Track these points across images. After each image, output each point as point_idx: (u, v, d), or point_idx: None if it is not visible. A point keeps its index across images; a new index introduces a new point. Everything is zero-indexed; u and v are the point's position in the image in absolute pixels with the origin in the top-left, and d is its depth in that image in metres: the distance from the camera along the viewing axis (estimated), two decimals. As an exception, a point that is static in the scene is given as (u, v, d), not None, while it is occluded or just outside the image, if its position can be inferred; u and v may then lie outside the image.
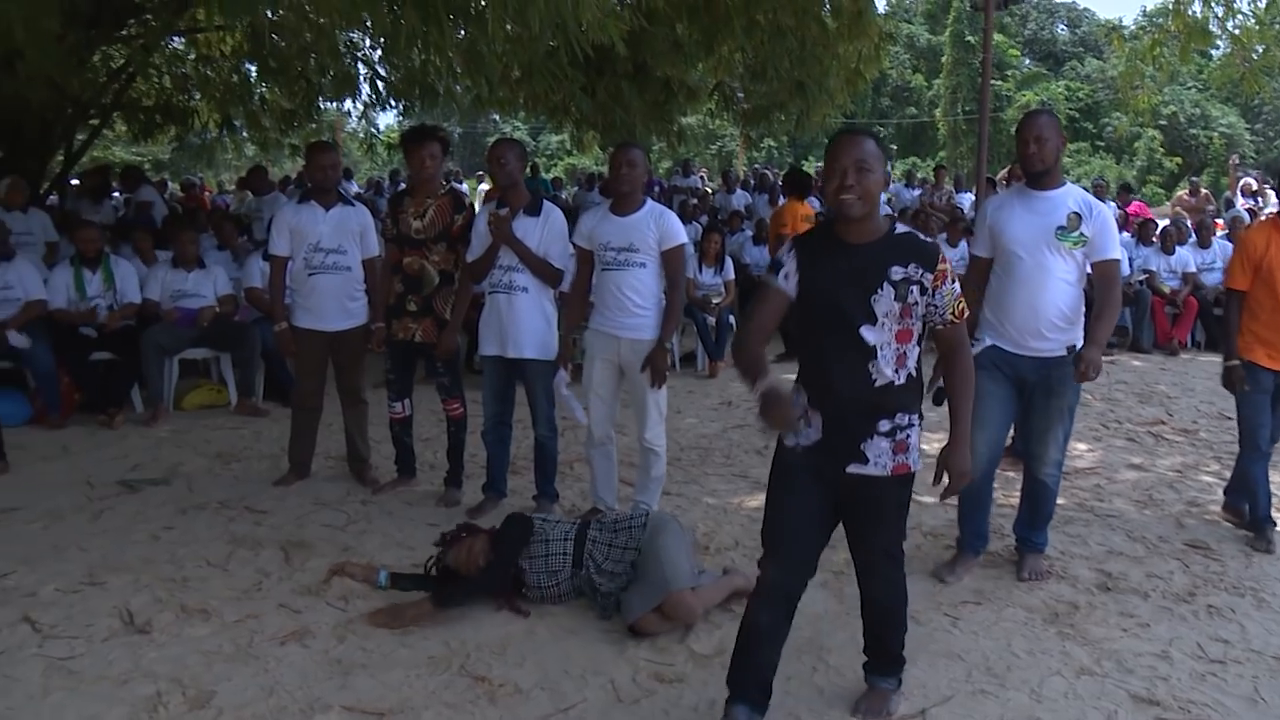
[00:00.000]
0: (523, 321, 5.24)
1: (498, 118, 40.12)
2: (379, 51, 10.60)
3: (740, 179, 19.87)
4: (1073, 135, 46.21)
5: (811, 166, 29.34)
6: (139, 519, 5.44)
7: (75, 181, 13.11)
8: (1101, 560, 4.98)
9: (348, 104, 13.22)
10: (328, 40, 9.43)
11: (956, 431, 3.27)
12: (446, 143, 5.61)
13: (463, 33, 7.43)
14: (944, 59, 46.21)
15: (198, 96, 12.03)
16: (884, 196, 14.04)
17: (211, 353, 8.10)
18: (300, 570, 4.74)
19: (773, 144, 42.89)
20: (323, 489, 5.97)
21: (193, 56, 12.13)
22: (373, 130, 15.49)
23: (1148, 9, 49.29)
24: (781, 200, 11.95)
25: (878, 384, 3.09)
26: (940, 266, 3.06)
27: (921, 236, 3.14)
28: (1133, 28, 48.97)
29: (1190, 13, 11.46)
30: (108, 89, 11.32)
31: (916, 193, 16.61)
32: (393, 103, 11.82)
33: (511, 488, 5.76)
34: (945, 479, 3.32)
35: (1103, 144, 46.46)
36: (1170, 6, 12.48)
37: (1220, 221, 14.32)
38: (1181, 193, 17.19)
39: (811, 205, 14.34)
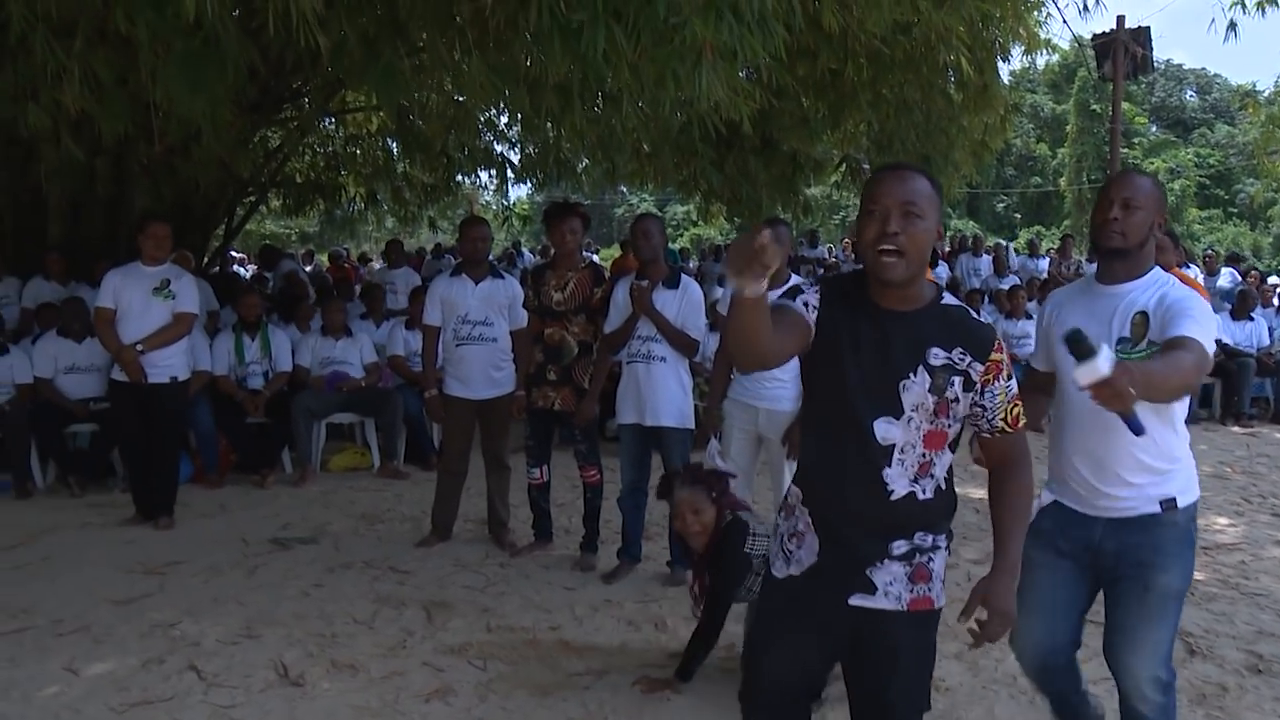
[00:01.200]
0: (660, 391, 5.31)
1: (625, 189, 40.90)
2: (515, 128, 10.93)
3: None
4: (1204, 202, 44.93)
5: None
6: (290, 575, 5.63)
7: (235, 254, 13.80)
8: (1251, 641, 4.75)
9: (483, 178, 13.71)
10: (469, 119, 9.78)
11: (1002, 559, 2.45)
12: (587, 218, 5.75)
13: (597, 110, 7.65)
14: (1069, 128, 45.44)
15: (344, 172, 12.58)
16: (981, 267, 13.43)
17: (357, 418, 8.38)
18: (442, 630, 4.83)
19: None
20: (463, 551, 6.09)
21: (341, 135, 12.71)
22: (504, 203, 15.98)
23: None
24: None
25: (894, 496, 2.37)
26: (995, 356, 2.36)
27: (975, 314, 2.43)
28: (1268, 92, 47.77)
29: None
30: (265, 168, 11.95)
31: (1043, 263, 16.23)
32: (526, 177, 12.19)
33: (646, 553, 5.79)
34: (979, 616, 2.48)
35: (1235, 210, 44.98)
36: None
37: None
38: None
39: (938, 277, 14.23)
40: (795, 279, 5.10)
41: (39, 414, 7.37)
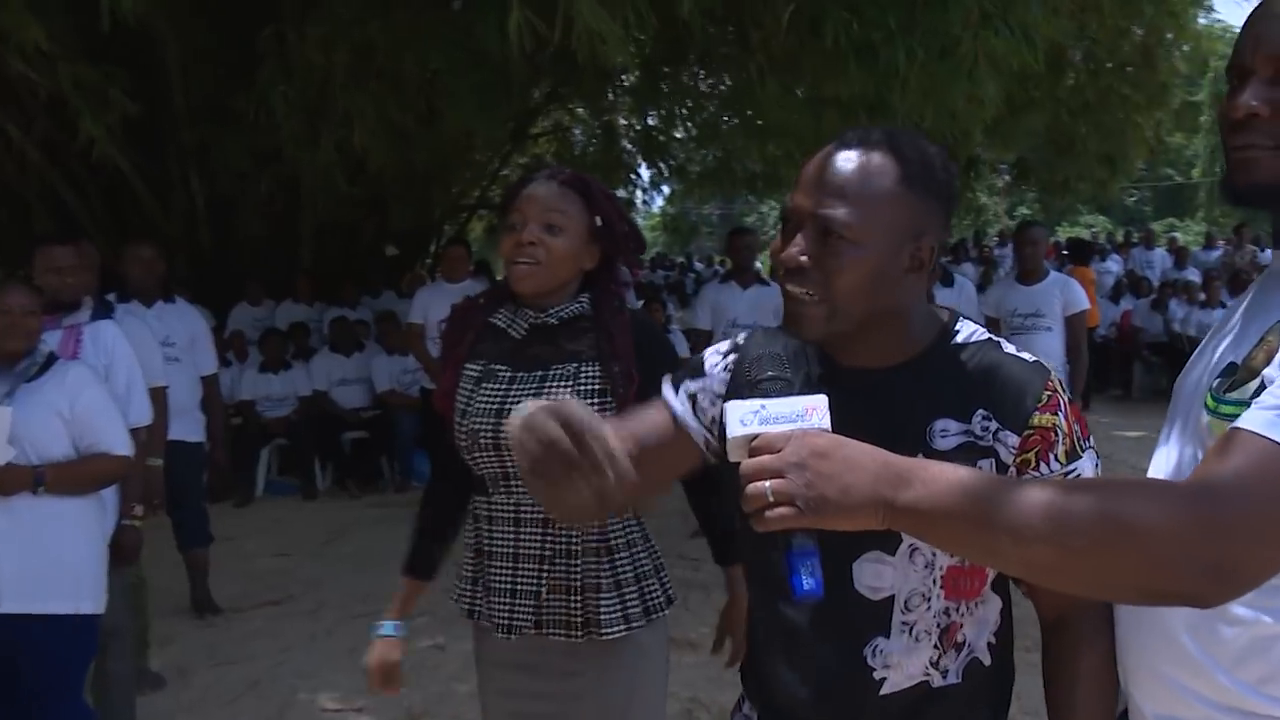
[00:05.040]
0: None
1: (753, 198, 40.78)
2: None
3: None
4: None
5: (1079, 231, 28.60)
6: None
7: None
8: None
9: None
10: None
11: None
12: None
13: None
14: (1201, 118, 43.38)
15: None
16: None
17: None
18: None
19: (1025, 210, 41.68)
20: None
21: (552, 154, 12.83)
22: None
23: None
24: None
25: (885, 689, 1.34)
26: (1041, 419, 1.27)
27: (1011, 349, 1.34)
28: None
29: None
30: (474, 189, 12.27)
31: (1217, 253, 15.27)
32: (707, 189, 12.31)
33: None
34: None
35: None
36: None
37: None
38: None
39: (1107, 271, 13.70)
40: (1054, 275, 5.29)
41: (319, 423, 7.67)
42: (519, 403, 1.56)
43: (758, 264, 6.47)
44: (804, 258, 1.26)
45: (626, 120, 10.71)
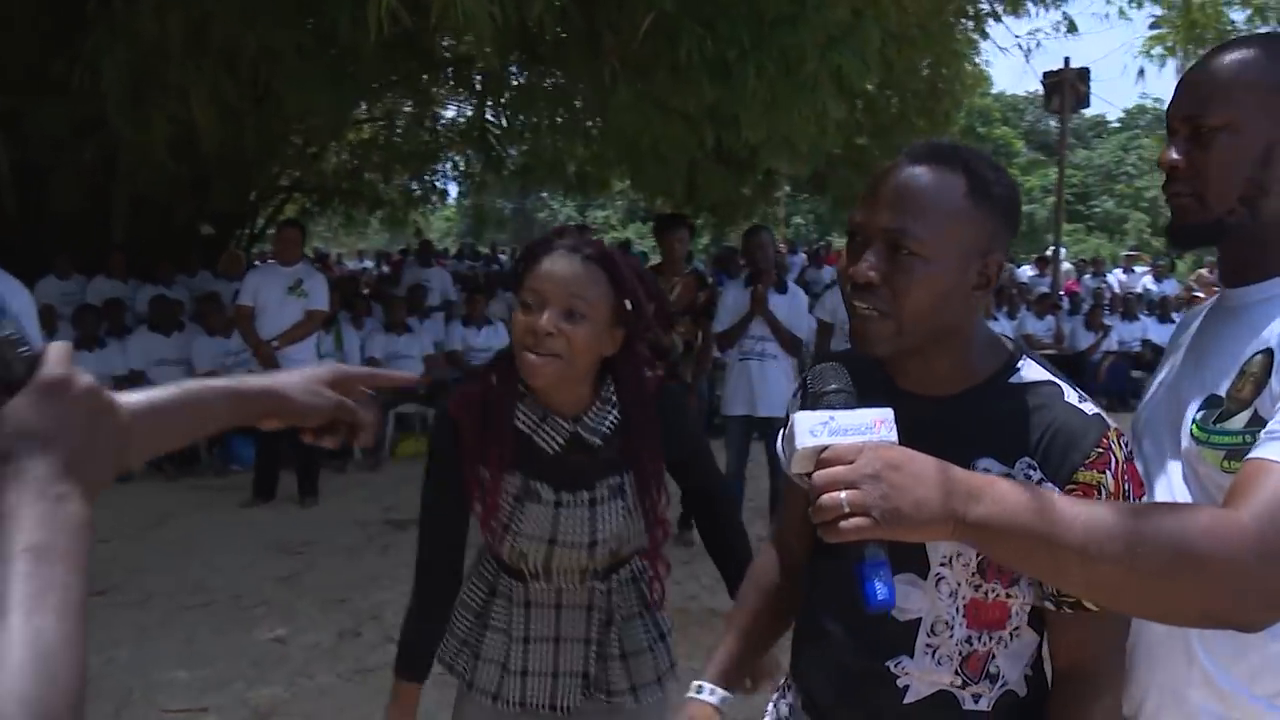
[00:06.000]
0: (772, 384, 5.54)
1: (546, 195, 40.66)
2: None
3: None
4: (1069, 217, 46.84)
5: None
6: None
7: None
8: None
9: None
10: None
11: None
12: (693, 228, 5.94)
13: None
14: (1018, 159, 46.60)
15: (367, 176, 12.45)
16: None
17: (420, 408, 8.41)
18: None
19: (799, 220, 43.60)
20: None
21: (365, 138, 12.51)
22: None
23: (1129, 108, 50.47)
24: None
25: (909, 698, 1.37)
26: (1087, 475, 1.24)
27: (1071, 394, 1.31)
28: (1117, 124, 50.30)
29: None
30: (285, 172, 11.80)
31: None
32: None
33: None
34: None
35: (1095, 224, 47.00)
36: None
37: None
38: (1201, 270, 17.45)
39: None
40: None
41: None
42: (573, 529, 1.76)
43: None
44: (873, 274, 1.25)
45: (457, 109, 10.59)
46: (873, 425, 1.11)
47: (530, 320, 1.67)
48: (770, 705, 1.64)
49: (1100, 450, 1.24)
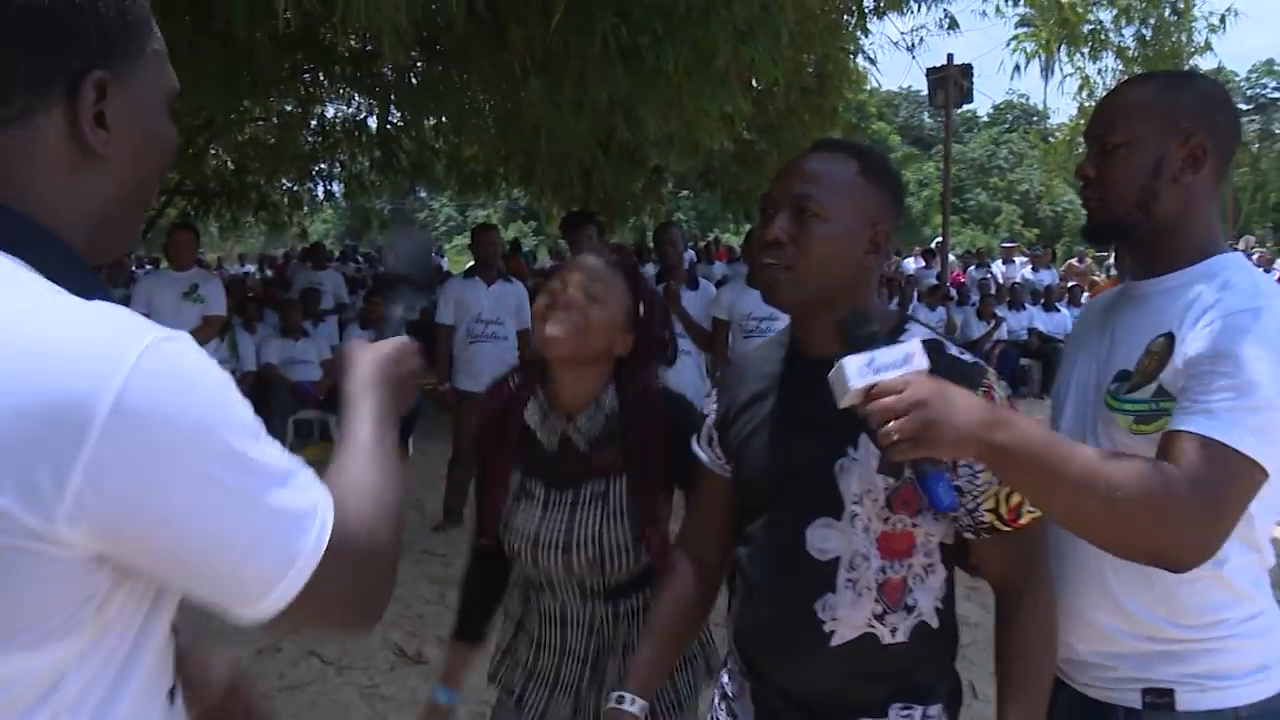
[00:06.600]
0: (685, 377, 5.49)
1: (425, 194, 39.84)
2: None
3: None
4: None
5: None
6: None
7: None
8: None
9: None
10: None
11: None
12: (601, 226, 5.87)
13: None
14: (898, 154, 47.63)
15: (250, 178, 11.96)
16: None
17: (320, 414, 8.12)
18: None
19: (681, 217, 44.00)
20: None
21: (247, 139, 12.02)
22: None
23: (998, 103, 52.46)
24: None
25: (835, 640, 1.48)
26: None
27: (951, 347, 1.49)
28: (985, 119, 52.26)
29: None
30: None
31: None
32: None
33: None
34: None
35: (969, 216, 48.59)
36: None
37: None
38: (1072, 260, 18.16)
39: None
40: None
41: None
42: (552, 529, 1.84)
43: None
44: (781, 233, 1.47)
45: (344, 108, 10.26)
46: (907, 358, 1.27)
47: (553, 295, 1.80)
48: (715, 686, 1.80)
49: (984, 389, 1.44)
